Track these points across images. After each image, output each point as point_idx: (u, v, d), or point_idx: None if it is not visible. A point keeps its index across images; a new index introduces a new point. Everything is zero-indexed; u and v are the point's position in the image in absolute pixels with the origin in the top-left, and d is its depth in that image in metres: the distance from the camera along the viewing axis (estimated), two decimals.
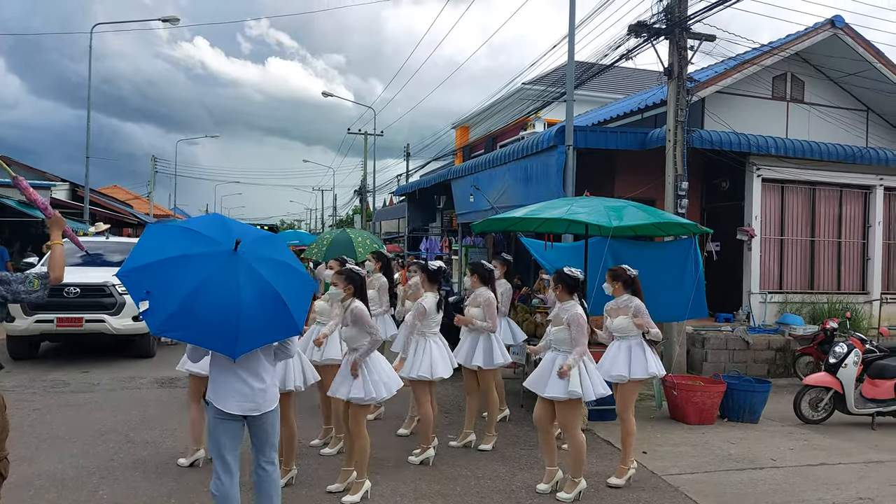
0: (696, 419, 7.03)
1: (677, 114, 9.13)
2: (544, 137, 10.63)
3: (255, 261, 3.37)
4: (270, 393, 3.63)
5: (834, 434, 6.97)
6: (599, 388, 4.77)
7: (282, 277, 3.42)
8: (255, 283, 3.30)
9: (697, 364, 9.74)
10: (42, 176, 24.23)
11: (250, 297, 3.25)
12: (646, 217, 6.67)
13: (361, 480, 4.66)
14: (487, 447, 5.88)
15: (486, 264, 6.13)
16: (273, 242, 3.68)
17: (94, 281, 9.37)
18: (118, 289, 9.40)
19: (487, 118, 22.66)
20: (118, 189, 42.48)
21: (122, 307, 9.39)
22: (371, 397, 4.58)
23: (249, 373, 3.54)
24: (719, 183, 11.87)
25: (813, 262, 11.47)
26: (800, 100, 12.24)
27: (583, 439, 4.82)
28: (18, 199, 15.66)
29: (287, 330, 3.46)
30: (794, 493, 5.12)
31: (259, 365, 3.58)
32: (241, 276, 3.28)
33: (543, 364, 4.86)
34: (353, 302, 4.67)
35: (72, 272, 9.96)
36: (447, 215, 18.28)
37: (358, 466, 4.69)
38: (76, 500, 4.50)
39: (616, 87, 20.87)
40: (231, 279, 3.25)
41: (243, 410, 3.54)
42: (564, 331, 4.75)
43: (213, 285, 3.22)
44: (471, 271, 6.02)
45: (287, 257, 3.66)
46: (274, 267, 3.44)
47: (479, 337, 5.90)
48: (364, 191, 34.52)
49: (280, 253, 3.62)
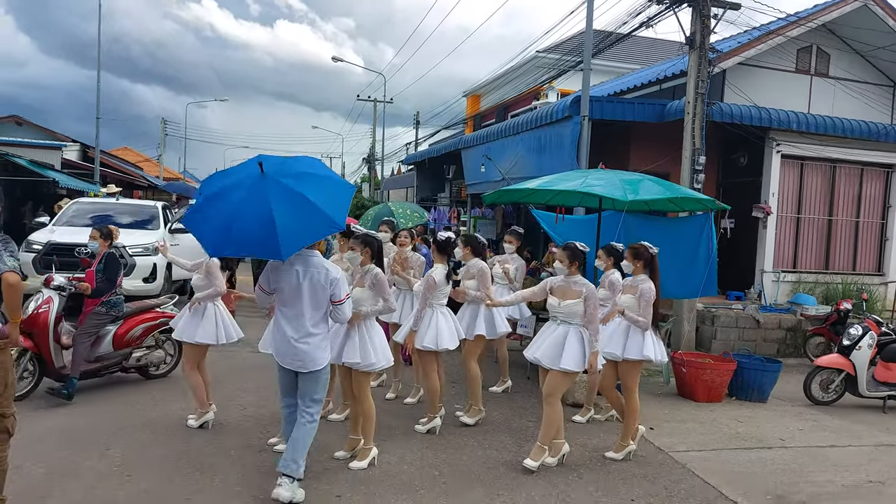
0: (705, 397, 7.00)
1: (698, 85, 8.90)
2: (559, 107, 10.43)
3: (282, 177, 3.83)
4: (316, 354, 4.03)
5: (844, 416, 6.92)
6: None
7: (310, 185, 3.86)
8: (284, 194, 3.75)
9: (706, 342, 9.68)
10: (53, 136, 24.22)
11: (282, 207, 3.69)
12: (662, 191, 6.55)
13: (368, 447, 4.67)
14: (470, 422, 5.72)
15: (479, 237, 6.04)
16: (301, 161, 4.15)
17: None
18: (128, 250, 9.41)
19: (500, 87, 22.29)
20: (128, 151, 42.40)
21: (133, 268, 9.41)
22: (369, 363, 4.55)
23: (299, 334, 4.00)
24: (737, 158, 11.65)
25: (829, 242, 11.30)
26: (824, 73, 11.92)
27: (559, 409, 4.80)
28: (30, 158, 15.63)
29: (325, 228, 3.92)
30: (802, 473, 5.10)
31: (308, 327, 4.01)
32: (270, 192, 3.75)
33: (556, 338, 4.77)
34: (372, 268, 4.68)
35: (83, 232, 9.96)
36: (456, 185, 18.12)
37: (365, 433, 4.69)
38: (87, 457, 4.54)
39: (634, 57, 20.44)
40: (261, 197, 3.74)
41: (291, 367, 4.08)
42: (580, 304, 4.68)
43: (247, 206, 3.74)
44: (464, 243, 5.93)
45: (316, 170, 4.09)
46: (301, 178, 3.89)
47: (478, 308, 5.83)
48: (373, 159, 34.28)
49: (308, 167, 4.07)
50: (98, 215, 10.79)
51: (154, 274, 9.78)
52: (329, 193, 3.93)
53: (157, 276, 9.84)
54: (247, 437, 5.11)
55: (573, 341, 4.66)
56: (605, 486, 4.59)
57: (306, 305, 4.00)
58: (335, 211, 3.84)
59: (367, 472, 4.56)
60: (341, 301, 4.10)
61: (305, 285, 3.99)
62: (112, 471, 4.36)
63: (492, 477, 4.63)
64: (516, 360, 7.44)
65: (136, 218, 10.98)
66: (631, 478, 4.79)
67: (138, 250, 9.67)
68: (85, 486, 4.11)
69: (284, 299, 4.05)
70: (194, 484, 4.23)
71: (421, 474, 4.60)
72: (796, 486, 4.81)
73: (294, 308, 4.02)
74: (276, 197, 3.71)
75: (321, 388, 4.18)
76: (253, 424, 5.44)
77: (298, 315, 4.00)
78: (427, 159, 18.95)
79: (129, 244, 9.55)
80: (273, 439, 4.97)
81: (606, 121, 10.17)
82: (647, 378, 7.99)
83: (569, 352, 4.62)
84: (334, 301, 4.08)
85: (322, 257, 4.18)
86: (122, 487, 4.13)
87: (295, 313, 4.01)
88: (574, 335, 4.67)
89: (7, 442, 3.57)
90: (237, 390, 6.39)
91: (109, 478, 4.25)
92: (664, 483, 4.72)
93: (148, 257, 9.75)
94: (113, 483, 4.18)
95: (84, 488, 4.08)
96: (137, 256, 9.59)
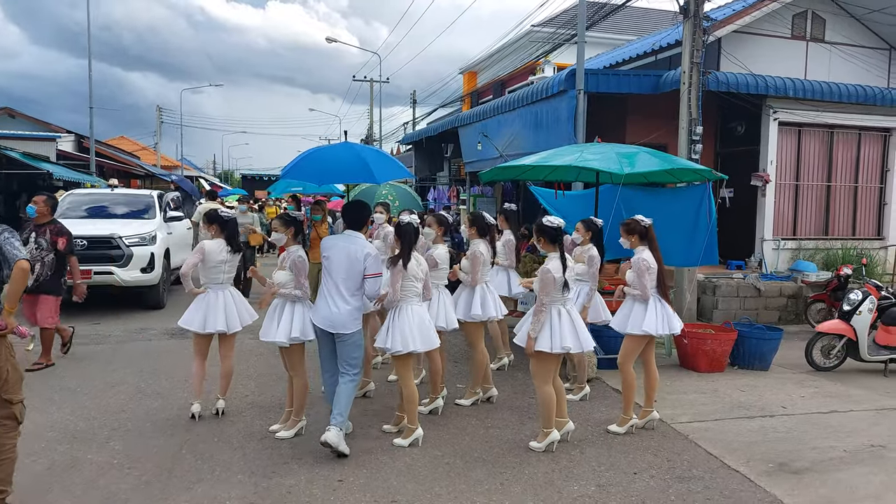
0: (707, 367, 7.00)
1: (693, 55, 8.77)
2: (554, 82, 10.30)
3: (362, 148, 6.08)
4: (349, 319, 4.53)
5: (846, 381, 6.92)
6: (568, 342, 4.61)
7: (373, 154, 6.32)
8: (366, 149, 6.14)
9: (708, 312, 9.68)
10: (47, 127, 24.03)
11: (366, 152, 6.32)
12: (659, 163, 6.48)
13: (413, 427, 4.77)
14: (466, 403, 5.71)
15: (487, 217, 5.93)
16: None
17: (101, 233, 9.30)
18: (125, 241, 9.37)
19: (495, 63, 22.06)
20: (125, 140, 42.17)
21: (130, 259, 9.32)
22: (384, 346, 4.72)
23: (334, 299, 4.52)
24: (734, 127, 11.54)
25: (828, 208, 11.24)
26: (820, 39, 11.75)
27: (549, 392, 4.66)
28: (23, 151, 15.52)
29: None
30: (804, 440, 5.10)
31: (341, 299, 4.51)
32: (355, 146, 6.49)
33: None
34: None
35: (78, 224, 9.65)
36: (455, 164, 18.00)
37: (408, 413, 4.78)
38: (88, 451, 4.54)
39: (629, 28, 20.18)
40: (348, 148, 6.64)
41: (325, 326, 4.54)
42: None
43: (338, 152, 6.58)
44: (470, 223, 5.87)
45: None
46: (369, 151, 6.42)
47: (471, 289, 5.75)
48: (371, 140, 34.08)
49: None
50: (93, 206, 10.68)
51: (151, 264, 9.61)
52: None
53: (155, 265, 9.68)
54: (248, 425, 5.12)
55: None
56: (608, 461, 4.60)
57: (346, 275, 4.54)
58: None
59: (369, 455, 4.57)
60: (371, 275, 4.54)
61: (345, 257, 4.54)
62: (113, 463, 4.37)
63: (494, 455, 4.64)
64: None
65: (132, 208, 10.82)
66: (633, 451, 4.79)
67: (135, 240, 9.54)
68: (86, 480, 4.12)
69: (330, 268, 4.58)
70: (195, 474, 4.23)
71: (423, 455, 4.61)
72: (798, 453, 4.81)
73: (335, 277, 4.55)
74: (360, 148, 6.31)
75: (356, 351, 4.63)
76: (255, 412, 5.44)
77: (338, 283, 4.54)
78: (424, 138, 18.79)
79: (125, 234, 9.48)
80: (274, 426, 4.98)
81: (602, 94, 10.05)
82: None
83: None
84: (366, 274, 4.53)
85: (364, 238, 4.75)
86: (124, 480, 4.13)
87: (335, 282, 4.55)
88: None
89: (16, 429, 3.58)
90: (238, 377, 6.38)
91: (110, 470, 4.26)
92: (666, 455, 4.73)
93: (145, 247, 9.59)
94: (114, 476, 4.19)
95: (85, 482, 4.09)
96: (134, 246, 9.45)
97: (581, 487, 4.17)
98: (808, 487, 4.26)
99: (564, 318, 4.61)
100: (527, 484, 4.19)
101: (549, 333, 4.55)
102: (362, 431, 4.96)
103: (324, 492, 4.00)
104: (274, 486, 4.08)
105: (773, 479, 4.35)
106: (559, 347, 4.53)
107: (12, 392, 3.50)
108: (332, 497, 3.94)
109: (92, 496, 3.91)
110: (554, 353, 4.55)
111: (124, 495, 3.93)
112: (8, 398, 3.49)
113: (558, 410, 4.78)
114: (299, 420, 4.92)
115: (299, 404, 4.90)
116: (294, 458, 4.51)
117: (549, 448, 4.71)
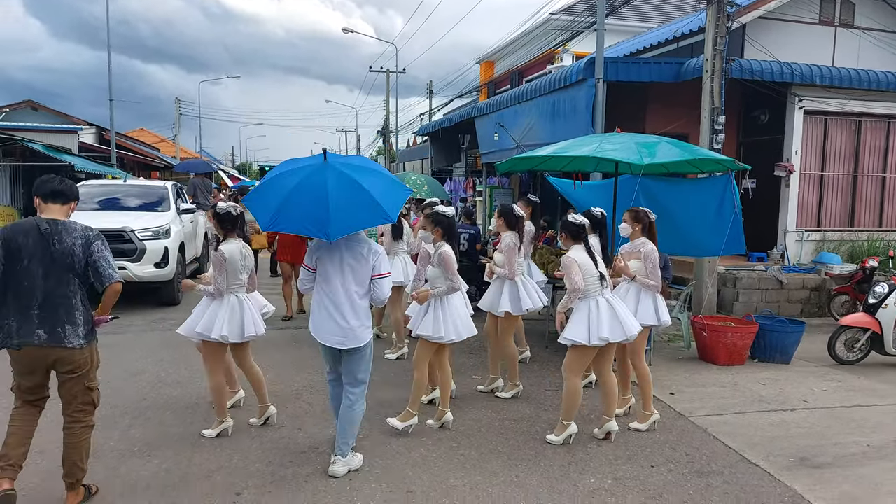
0: (726, 360, 6.91)
1: (716, 42, 8.60)
2: (573, 71, 10.18)
3: (344, 167, 3.99)
4: (357, 332, 4.04)
5: (869, 375, 6.79)
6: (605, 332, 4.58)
7: (368, 177, 3.99)
8: (342, 180, 3.88)
9: (728, 304, 9.54)
10: (68, 120, 24.36)
11: (338, 191, 3.82)
12: (680, 153, 6.36)
13: (413, 412, 4.84)
14: (507, 395, 5.73)
15: (516, 209, 5.88)
16: (365, 160, 4.45)
17: (112, 226, 8.80)
18: (137, 234, 9.05)
19: (513, 52, 21.88)
20: (144, 132, 42.61)
21: (143, 253, 9.00)
22: (438, 336, 4.72)
23: (339, 313, 4.00)
24: (758, 115, 11.33)
25: (854, 199, 11.00)
26: (849, 24, 11.45)
27: (577, 385, 4.69)
28: (47, 143, 15.74)
29: (377, 218, 3.95)
30: (826, 435, 5.01)
31: (349, 307, 4.01)
32: (329, 177, 3.89)
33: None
34: (442, 245, 4.79)
35: (88, 217, 9.25)
36: (471, 155, 17.91)
37: (413, 397, 4.84)
38: (109, 438, 4.61)
39: (650, 16, 19.88)
40: (320, 180, 3.89)
41: (333, 343, 4.06)
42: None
43: (305, 186, 3.90)
44: (498, 214, 5.81)
45: (378, 167, 4.30)
46: (361, 171, 4.04)
47: (504, 282, 5.75)
48: (387, 131, 34.04)
49: (370, 164, 4.29)
50: (105, 198, 10.35)
51: (166, 258, 9.21)
52: (385, 189, 4.03)
53: (170, 260, 9.27)
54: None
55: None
56: (625, 454, 4.55)
57: (348, 280, 4.02)
58: (389, 205, 3.93)
59: (385, 446, 4.58)
60: (381, 275, 4.08)
61: (348, 259, 4.02)
62: (133, 451, 4.43)
63: (510, 447, 4.62)
64: (534, 328, 7.41)
65: (144, 200, 10.43)
66: (651, 444, 4.75)
67: (148, 234, 9.18)
68: (107, 467, 4.17)
69: (326, 275, 4.03)
70: (214, 462, 4.27)
71: (438, 447, 4.60)
72: (820, 448, 4.73)
73: (335, 283, 4.02)
74: (334, 181, 3.86)
75: (364, 366, 4.18)
76: (272, 401, 5.44)
77: (339, 290, 4.01)
78: (441, 129, 18.71)
79: (138, 227, 9.13)
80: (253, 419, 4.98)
81: (622, 82, 9.90)
82: (667, 343, 7.93)
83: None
84: (374, 275, 4.06)
85: (364, 234, 4.19)
86: (145, 467, 4.19)
87: (336, 289, 4.01)
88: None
89: (92, 413, 3.78)
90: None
91: (131, 458, 4.32)
92: (685, 449, 4.67)
93: (158, 241, 9.21)
94: (135, 463, 4.25)
95: (107, 468, 4.15)
96: (147, 240, 9.12)
97: (598, 480, 4.14)
98: (830, 483, 4.19)
99: (603, 309, 4.55)
100: (542, 476, 4.17)
101: (587, 325, 4.50)
102: (378, 422, 4.96)
103: (340, 482, 4.01)
104: (291, 475, 4.10)
105: (793, 474, 4.28)
106: (597, 339, 4.47)
107: (93, 379, 3.77)
108: (347, 487, 3.96)
109: (113, 483, 3.96)
110: (591, 345, 4.49)
111: (145, 482, 3.98)
112: (90, 385, 3.74)
113: (616, 401, 4.90)
114: (266, 406, 5.00)
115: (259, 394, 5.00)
116: (311, 447, 4.53)
117: (567, 441, 4.68)
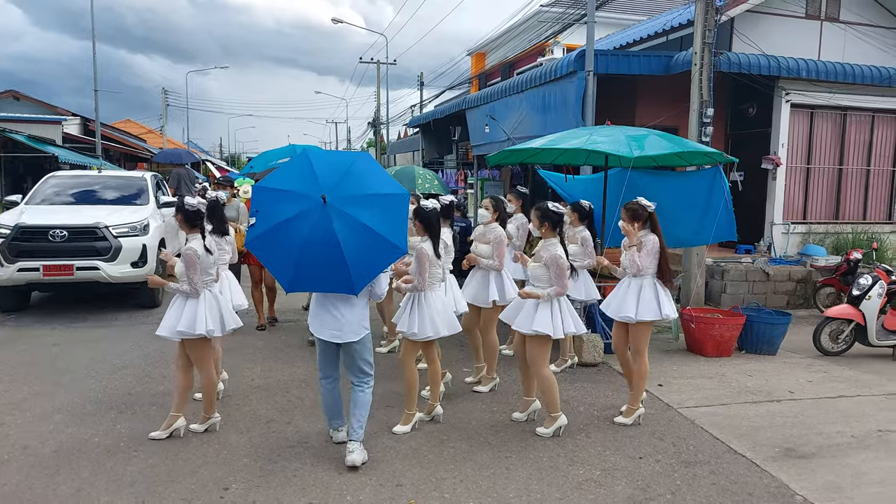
0: (714, 352, 6.96)
1: (705, 35, 8.61)
2: (563, 63, 10.17)
3: (344, 205, 3.78)
4: (354, 326, 4.08)
5: (854, 366, 6.88)
6: (570, 328, 4.66)
7: (370, 209, 3.85)
8: (350, 226, 3.75)
9: (716, 296, 9.61)
10: (52, 110, 24.05)
11: (349, 240, 3.73)
12: (669, 146, 6.38)
13: (412, 412, 4.79)
14: (485, 389, 5.70)
15: (506, 202, 5.87)
16: (353, 176, 3.95)
17: (84, 222, 8.20)
18: (112, 231, 8.25)
19: (504, 44, 21.82)
20: (131, 123, 42.14)
21: (119, 252, 8.16)
22: (412, 332, 4.66)
23: (337, 308, 4.05)
24: (745, 109, 11.38)
25: (839, 192, 11.10)
26: (835, 18, 11.50)
27: (549, 375, 4.69)
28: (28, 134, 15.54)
29: (390, 255, 3.92)
30: (811, 425, 5.07)
31: (345, 301, 4.05)
32: (336, 224, 3.73)
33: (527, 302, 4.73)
34: (424, 241, 4.66)
35: (59, 212, 8.52)
36: (463, 147, 17.88)
37: (408, 399, 4.79)
38: (95, 433, 4.57)
39: (640, 8, 19.90)
40: (329, 232, 3.73)
41: (328, 337, 4.09)
42: (542, 268, 4.61)
43: (315, 241, 3.74)
44: (492, 206, 5.78)
45: (372, 185, 3.96)
46: (362, 203, 3.85)
47: (489, 274, 5.71)
48: (378, 123, 33.89)
49: (363, 185, 3.93)
50: (78, 191, 9.52)
51: (144, 257, 8.36)
52: (387, 213, 3.92)
53: (148, 259, 8.41)
54: (254, 409, 5.13)
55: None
56: (613, 445, 4.58)
57: None
58: (396, 235, 3.89)
59: (374, 439, 4.57)
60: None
61: None
62: (119, 446, 4.39)
63: (500, 440, 4.63)
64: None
65: (122, 192, 9.54)
66: (639, 435, 4.78)
67: (124, 230, 8.33)
68: (93, 462, 4.14)
69: None
70: (201, 457, 4.25)
71: (428, 439, 4.61)
72: (805, 438, 4.79)
73: None
74: (342, 228, 3.74)
75: (367, 355, 4.24)
76: (261, 395, 5.46)
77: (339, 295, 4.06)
78: (432, 121, 18.65)
79: (112, 223, 8.33)
80: (194, 425, 4.65)
81: (612, 75, 9.91)
82: (656, 334, 7.95)
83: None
84: None
85: None
86: (130, 462, 4.15)
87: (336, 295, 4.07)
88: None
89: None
90: (244, 361, 6.41)
91: (117, 453, 4.28)
92: (672, 440, 4.71)
93: (136, 238, 8.37)
94: (121, 458, 4.21)
95: (92, 464, 4.11)
96: (123, 237, 8.28)
97: (586, 471, 4.16)
98: (815, 473, 4.24)
99: (564, 303, 4.67)
100: (532, 468, 4.19)
101: (550, 318, 4.55)
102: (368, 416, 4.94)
103: (328, 475, 4.01)
104: (279, 469, 4.09)
105: (779, 465, 4.33)
106: (561, 333, 4.58)
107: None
108: (336, 481, 3.95)
109: (99, 478, 3.93)
110: (556, 337, 4.59)
111: (131, 477, 3.95)
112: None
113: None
114: (209, 417, 4.70)
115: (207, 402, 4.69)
116: (299, 442, 4.52)
117: (557, 433, 4.71)
